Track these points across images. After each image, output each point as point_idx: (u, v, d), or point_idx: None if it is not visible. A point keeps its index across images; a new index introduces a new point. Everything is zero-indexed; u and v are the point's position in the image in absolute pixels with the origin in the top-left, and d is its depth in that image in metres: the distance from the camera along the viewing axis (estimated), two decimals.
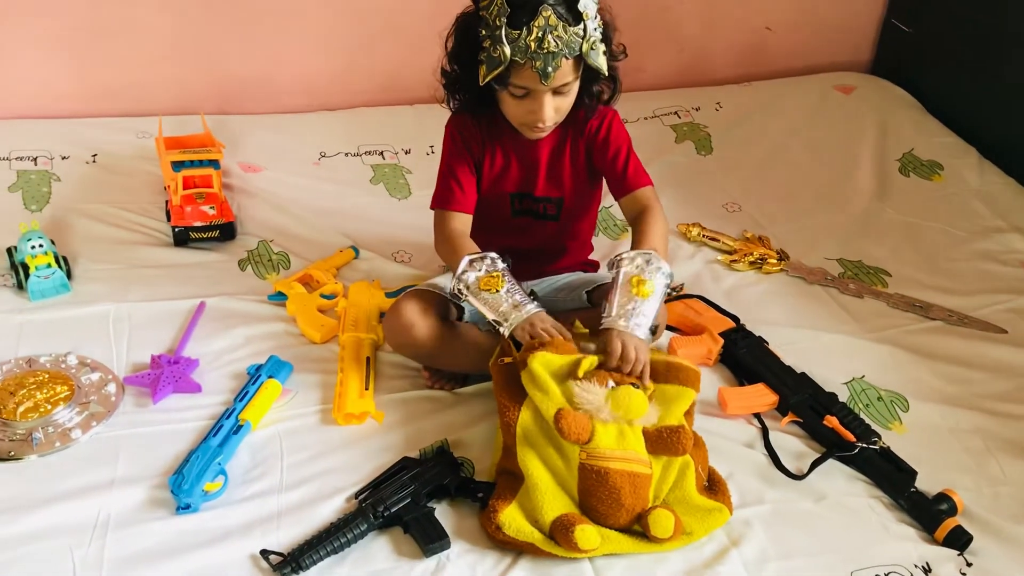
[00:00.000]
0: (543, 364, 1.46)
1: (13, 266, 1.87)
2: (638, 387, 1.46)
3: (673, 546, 1.38)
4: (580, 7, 1.45)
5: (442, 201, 1.66)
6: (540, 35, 1.43)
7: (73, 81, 2.41)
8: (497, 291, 1.52)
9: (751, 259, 2.05)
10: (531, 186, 1.70)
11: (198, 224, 2.01)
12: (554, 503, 1.38)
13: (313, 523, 1.40)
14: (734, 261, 2.05)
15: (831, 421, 1.59)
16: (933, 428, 1.65)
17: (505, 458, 1.46)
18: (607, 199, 1.80)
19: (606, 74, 1.53)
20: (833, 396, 1.65)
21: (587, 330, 1.55)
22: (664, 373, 1.53)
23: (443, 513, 1.43)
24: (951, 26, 2.59)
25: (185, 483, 1.42)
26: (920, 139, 2.51)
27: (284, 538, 1.38)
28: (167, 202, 2.09)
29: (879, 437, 1.57)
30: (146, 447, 1.52)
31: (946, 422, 1.66)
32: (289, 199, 2.20)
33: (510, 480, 1.43)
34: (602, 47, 1.51)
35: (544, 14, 1.43)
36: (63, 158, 2.26)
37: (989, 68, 2.46)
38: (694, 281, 2.00)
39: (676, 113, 2.62)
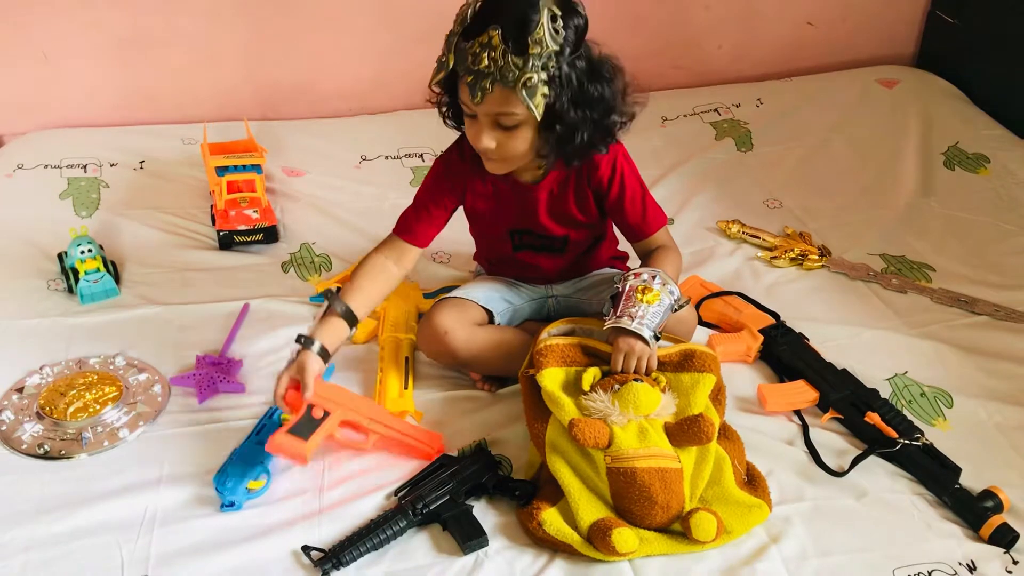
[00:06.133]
0: (551, 378, 1.49)
1: (64, 271, 1.92)
2: (641, 381, 1.46)
3: (713, 546, 1.38)
4: (530, 39, 1.35)
5: (397, 226, 1.65)
6: (478, 51, 1.37)
7: (120, 90, 2.47)
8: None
9: (792, 255, 2.03)
10: (531, 223, 1.65)
11: (242, 228, 2.04)
12: (589, 508, 1.38)
13: (353, 520, 1.42)
14: (775, 257, 2.03)
15: (872, 418, 1.57)
16: (978, 424, 1.62)
17: (546, 468, 1.47)
18: None
19: (537, 116, 1.40)
20: (875, 392, 1.63)
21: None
22: (679, 363, 1.54)
23: (481, 511, 1.44)
24: (997, 16, 2.54)
25: (229, 481, 1.44)
26: (966, 132, 2.46)
27: (325, 535, 1.40)
28: (212, 206, 2.13)
29: (921, 433, 1.55)
30: (191, 446, 1.55)
31: (992, 418, 1.63)
32: (331, 202, 2.23)
33: (555, 487, 1.43)
34: (544, 89, 1.38)
35: (491, 32, 1.35)
36: (111, 165, 2.32)
37: None
38: (734, 278, 1.99)
39: (716, 110, 2.61)
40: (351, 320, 1.55)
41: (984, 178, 2.32)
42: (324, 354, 1.50)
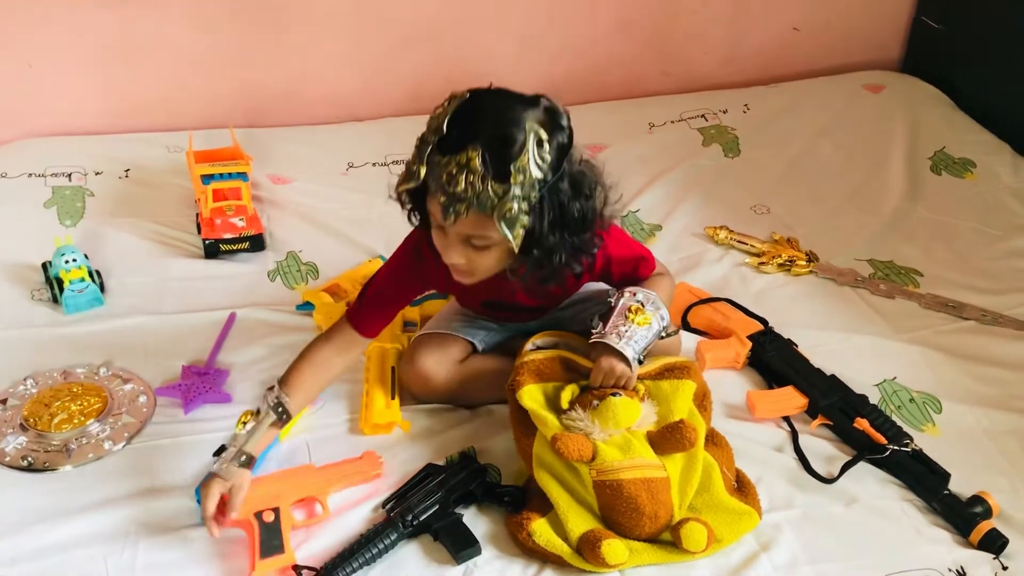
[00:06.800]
0: (530, 396, 1.48)
1: (48, 280, 1.90)
2: (619, 395, 1.44)
3: (703, 555, 1.37)
4: (513, 166, 1.25)
5: (350, 313, 1.56)
6: (454, 171, 1.26)
7: (105, 98, 2.46)
8: (243, 427, 1.48)
9: (780, 261, 2.03)
10: (506, 299, 1.58)
11: (228, 236, 2.03)
12: (578, 520, 1.38)
13: (341, 532, 1.41)
14: (763, 263, 2.03)
15: (862, 423, 1.57)
16: (967, 430, 1.62)
17: (534, 479, 1.46)
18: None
19: (515, 248, 1.31)
20: (864, 398, 1.63)
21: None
22: (658, 373, 1.54)
23: (470, 519, 1.43)
24: (981, 22, 2.56)
25: None
26: (952, 137, 2.47)
27: (314, 548, 1.39)
28: (198, 215, 2.12)
29: (911, 439, 1.55)
30: (177, 457, 1.54)
31: (980, 424, 1.63)
32: (317, 210, 2.22)
33: (544, 498, 1.43)
34: (524, 219, 1.29)
35: (470, 154, 1.25)
36: (96, 173, 2.30)
37: (1021, 63, 2.42)
38: (722, 284, 1.98)
39: (703, 116, 2.61)
40: (285, 421, 1.48)
41: (970, 183, 2.33)
42: (250, 463, 1.42)
